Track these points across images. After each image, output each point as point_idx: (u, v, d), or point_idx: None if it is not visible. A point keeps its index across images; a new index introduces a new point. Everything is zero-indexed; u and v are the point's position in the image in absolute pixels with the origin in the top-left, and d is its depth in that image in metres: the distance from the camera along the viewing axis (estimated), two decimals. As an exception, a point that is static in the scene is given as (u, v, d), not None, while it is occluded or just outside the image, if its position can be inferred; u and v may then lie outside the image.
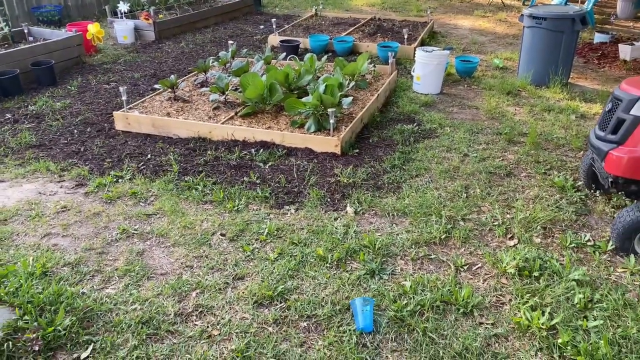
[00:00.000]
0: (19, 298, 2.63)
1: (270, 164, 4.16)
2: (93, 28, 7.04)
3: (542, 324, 2.54)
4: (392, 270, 2.96)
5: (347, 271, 2.95)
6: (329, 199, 3.69)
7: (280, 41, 7.38)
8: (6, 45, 6.46)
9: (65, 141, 4.62)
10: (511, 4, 11.51)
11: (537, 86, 5.98)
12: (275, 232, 3.30)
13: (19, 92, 5.70)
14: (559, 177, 3.95)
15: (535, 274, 2.91)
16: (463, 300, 2.71)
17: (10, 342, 2.36)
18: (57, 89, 5.91)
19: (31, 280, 2.79)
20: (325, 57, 6.16)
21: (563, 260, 3.05)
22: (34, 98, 5.61)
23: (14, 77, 5.64)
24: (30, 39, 6.75)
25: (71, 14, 9.20)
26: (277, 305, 2.70)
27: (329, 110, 4.36)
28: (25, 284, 2.72)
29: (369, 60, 6.00)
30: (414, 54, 6.61)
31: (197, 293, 2.78)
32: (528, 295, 2.77)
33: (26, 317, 2.50)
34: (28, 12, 8.54)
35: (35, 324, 2.47)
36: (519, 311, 2.67)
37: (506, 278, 2.92)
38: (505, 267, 2.97)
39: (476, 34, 8.76)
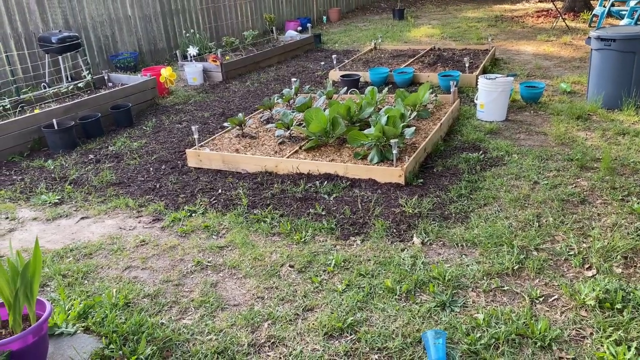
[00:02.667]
0: (104, 328, 2.80)
1: (334, 195, 4.22)
2: (165, 72, 7.50)
3: (629, 359, 2.40)
4: (464, 303, 2.90)
5: (416, 303, 2.92)
6: (394, 230, 3.69)
7: (341, 76, 7.55)
8: (89, 92, 7.00)
9: (142, 178, 4.90)
10: (576, 26, 11.21)
11: (608, 109, 5.76)
12: (342, 263, 3.33)
13: (100, 134, 6.14)
14: (638, 203, 3.76)
15: (618, 306, 2.76)
16: (540, 333, 2.61)
17: (98, 370, 2.51)
18: (134, 130, 6.31)
19: (115, 311, 2.96)
20: (386, 89, 6.23)
21: (648, 292, 2.88)
22: (114, 139, 6.01)
23: (96, 121, 6.09)
24: (110, 84, 7.29)
25: (145, 60, 9.85)
26: (347, 337, 2.71)
27: (392, 141, 4.40)
28: (110, 315, 2.88)
29: (431, 90, 6.02)
30: (476, 82, 6.57)
31: (268, 324, 2.84)
32: (611, 328, 2.62)
33: (112, 346, 2.65)
34: (107, 60, 9.24)
35: (120, 352, 2.61)
36: (601, 346, 2.53)
37: (586, 310, 2.78)
38: (584, 298, 2.84)
39: (540, 58, 8.58)
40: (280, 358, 2.60)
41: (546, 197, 3.97)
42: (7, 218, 4.28)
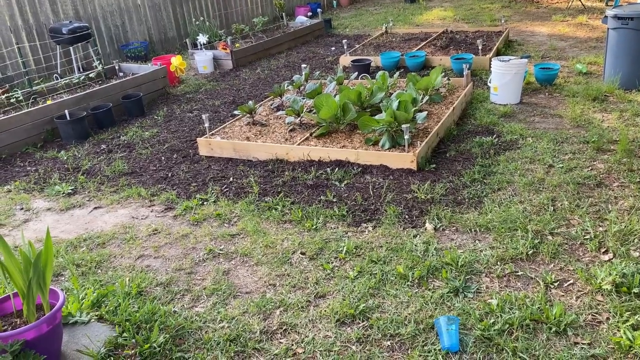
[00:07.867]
0: (117, 316, 2.82)
1: (345, 182, 4.20)
2: (176, 60, 7.48)
3: (646, 344, 2.36)
4: (477, 288, 2.87)
5: (429, 289, 2.90)
6: (406, 216, 3.65)
7: (352, 61, 7.47)
8: (100, 82, 7.01)
9: (154, 168, 4.92)
10: (593, 5, 10.95)
11: (626, 90, 5.63)
12: (354, 250, 3.32)
13: (112, 124, 6.16)
14: (656, 185, 3.68)
15: (635, 290, 2.71)
16: (555, 318, 2.57)
17: (112, 358, 2.54)
18: (145, 120, 6.33)
19: (128, 299, 2.98)
20: (397, 73, 6.15)
21: (667, 276, 2.82)
22: (125, 129, 6.03)
23: (107, 111, 6.10)
24: (121, 74, 7.29)
25: (156, 49, 9.84)
26: (359, 323, 2.70)
27: (403, 126, 4.34)
28: (123, 303, 2.90)
29: (443, 74, 5.93)
30: (490, 64, 6.46)
31: (280, 311, 2.84)
32: (628, 313, 2.58)
33: (125, 335, 2.67)
34: (118, 49, 9.25)
35: (133, 340, 2.63)
36: (618, 330, 2.49)
37: (602, 295, 2.74)
38: (600, 283, 2.79)
39: (555, 39, 8.40)
40: (292, 345, 2.60)
41: (561, 181, 3.91)
42: (22, 209, 4.32)
